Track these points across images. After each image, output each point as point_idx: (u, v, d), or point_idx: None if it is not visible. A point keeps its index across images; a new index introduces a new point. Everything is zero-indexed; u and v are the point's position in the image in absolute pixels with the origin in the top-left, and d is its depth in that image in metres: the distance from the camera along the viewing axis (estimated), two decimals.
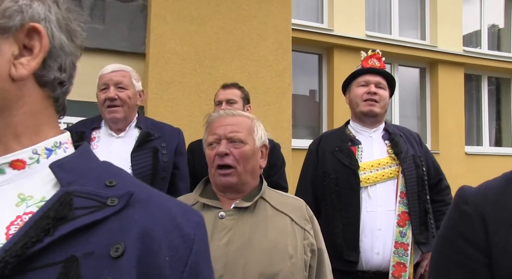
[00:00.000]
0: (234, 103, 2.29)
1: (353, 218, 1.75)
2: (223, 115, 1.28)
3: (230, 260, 1.10)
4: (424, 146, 2.02)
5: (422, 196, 1.81)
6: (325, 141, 1.99)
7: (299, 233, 1.20)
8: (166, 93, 3.14)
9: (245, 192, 1.25)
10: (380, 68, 1.97)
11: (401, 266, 1.71)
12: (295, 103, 5.29)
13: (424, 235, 1.77)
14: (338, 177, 1.82)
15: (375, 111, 1.91)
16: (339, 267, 1.73)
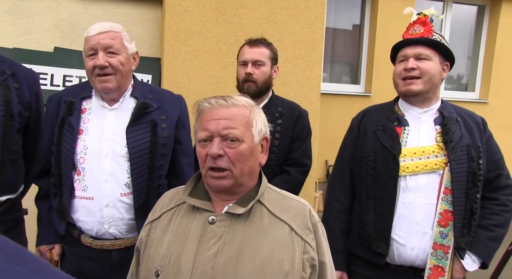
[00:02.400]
0: (262, 65, 2.02)
1: (387, 208, 1.59)
2: (215, 105, 1.07)
3: (216, 275, 0.98)
4: (488, 134, 1.68)
5: (471, 194, 1.56)
6: (369, 117, 1.75)
7: (299, 246, 1.05)
8: (183, 45, 2.89)
9: (241, 194, 1.09)
10: (420, 37, 1.62)
11: (439, 270, 1.56)
12: (334, 38, 4.90)
13: (465, 239, 1.56)
14: (376, 160, 1.62)
15: (414, 90, 1.60)
16: (367, 257, 1.65)
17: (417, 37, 1.63)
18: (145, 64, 2.95)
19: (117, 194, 1.50)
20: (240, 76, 2.04)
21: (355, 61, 4.89)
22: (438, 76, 1.62)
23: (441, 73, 1.63)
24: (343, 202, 1.74)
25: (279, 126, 2.05)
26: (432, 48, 1.61)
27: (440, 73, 1.62)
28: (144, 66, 2.94)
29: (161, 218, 1.12)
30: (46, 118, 1.64)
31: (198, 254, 1.01)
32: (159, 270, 1.03)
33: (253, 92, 1.99)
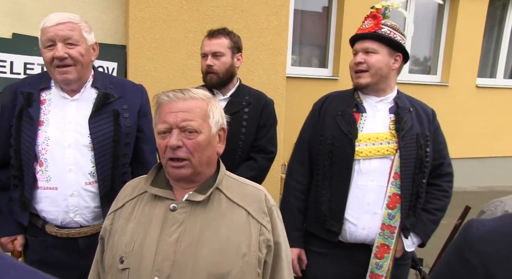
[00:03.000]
0: (222, 56, 2.05)
1: (342, 189, 1.68)
2: (173, 98, 1.11)
3: (178, 259, 1.04)
4: (436, 124, 1.81)
5: (417, 179, 1.68)
6: (330, 102, 1.82)
7: (255, 228, 1.12)
8: (149, 33, 2.87)
9: (200, 182, 1.15)
10: (367, 32, 1.69)
11: (385, 247, 1.68)
12: (304, 20, 4.93)
13: (410, 220, 1.70)
14: (334, 143, 1.70)
15: (362, 83, 1.70)
16: (321, 235, 1.74)
17: (364, 32, 1.70)
18: (110, 52, 2.92)
19: (81, 183, 1.53)
20: (202, 68, 2.08)
21: (324, 44, 4.96)
22: (386, 68, 1.69)
23: (390, 65, 1.69)
24: (302, 182, 1.81)
25: (246, 115, 2.10)
26: (379, 41, 1.67)
27: (388, 65, 1.69)
28: (109, 53, 2.91)
29: (124, 207, 1.16)
30: (2, 110, 1.61)
31: (161, 240, 1.06)
32: (123, 256, 1.07)
33: (215, 82, 2.04)
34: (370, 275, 1.69)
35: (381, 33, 1.68)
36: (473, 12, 5.41)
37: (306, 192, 1.82)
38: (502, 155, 5.99)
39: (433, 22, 5.64)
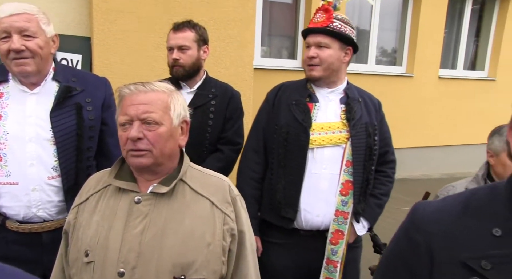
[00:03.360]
0: (187, 50, 2.05)
1: (297, 177, 1.72)
2: (134, 91, 1.12)
3: (144, 250, 1.06)
4: (382, 114, 1.91)
5: (367, 166, 1.77)
6: (283, 92, 1.86)
7: (219, 218, 1.15)
8: (114, 25, 2.83)
9: (163, 174, 1.16)
10: (319, 27, 1.73)
11: (339, 233, 1.75)
12: (273, 11, 4.94)
13: (361, 205, 1.79)
14: (289, 132, 1.74)
15: (314, 76, 1.75)
16: (276, 223, 1.78)
17: (316, 26, 1.74)
18: (74, 43, 2.86)
19: (44, 177, 1.51)
20: (168, 61, 2.09)
21: (293, 36, 5.00)
22: (338, 62, 1.75)
23: (341, 59, 1.76)
24: (257, 170, 1.84)
25: (212, 107, 2.12)
26: (331, 36, 1.72)
27: (339, 59, 1.75)
28: (73, 45, 2.85)
29: (88, 200, 1.17)
30: None
31: (126, 232, 1.08)
32: (88, 250, 1.08)
33: (181, 75, 2.05)
34: (326, 262, 1.76)
35: (333, 28, 1.73)
36: (435, 6, 5.61)
37: (260, 181, 1.85)
38: (463, 143, 6.29)
39: (398, 15, 5.80)
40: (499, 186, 0.81)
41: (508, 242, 0.73)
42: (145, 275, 1.05)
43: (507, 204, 0.76)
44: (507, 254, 0.72)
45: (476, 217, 0.78)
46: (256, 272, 1.26)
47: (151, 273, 1.06)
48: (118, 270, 1.05)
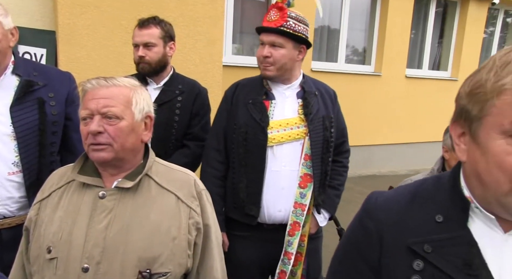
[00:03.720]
0: (153, 46, 2.05)
1: (257, 175, 1.75)
2: (96, 86, 1.11)
3: (108, 245, 1.06)
4: (338, 106, 1.96)
5: (325, 159, 1.82)
6: (241, 90, 1.87)
7: (185, 212, 1.16)
8: (80, 19, 2.78)
9: (127, 169, 1.16)
10: (273, 27, 1.73)
11: (296, 225, 1.80)
12: (245, 8, 4.96)
13: (321, 197, 1.84)
14: (247, 131, 1.76)
15: (268, 75, 1.77)
16: (240, 220, 1.82)
17: (271, 26, 1.74)
18: (38, 37, 2.79)
19: (4, 173, 1.49)
20: (134, 58, 2.08)
21: None
22: (291, 62, 1.77)
23: (294, 58, 1.78)
24: (219, 169, 1.86)
25: (179, 103, 2.13)
26: (284, 36, 1.73)
27: (293, 58, 1.78)
28: (37, 39, 2.78)
29: (51, 196, 1.16)
30: None
31: (90, 227, 1.07)
32: (50, 246, 1.07)
33: (147, 72, 2.05)
34: (284, 254, 1.81)
35: (287, 27, 1.74)
36: (402, 8, 5.79)
37: (223, 179, 1.87)
38: (428, 140, 6.53)
39: (367, 15, 5.95)
40: (444, 177, 0.87)
41: (447, 227, 0.79)
42: (110, 270, 1.06)
43: (449, 194, 0.83)
44: (446, 238, 0.78)
45: (422, 205, 0.84)
46: (222, 264, 1.29)
47: (116, 267, 1.06)
48: (82, 265, 1.05)
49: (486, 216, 0.78)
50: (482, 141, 0.73)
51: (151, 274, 1.08)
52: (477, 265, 0.75)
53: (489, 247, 0.77)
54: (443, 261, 0.77)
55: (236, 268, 1.81)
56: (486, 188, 0.74)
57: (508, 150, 0.69)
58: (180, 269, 1.14)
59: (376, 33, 5.92)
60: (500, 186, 0.71)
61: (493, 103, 0.70)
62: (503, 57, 0.71)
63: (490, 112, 0.71)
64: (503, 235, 0.77)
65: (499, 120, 0.69)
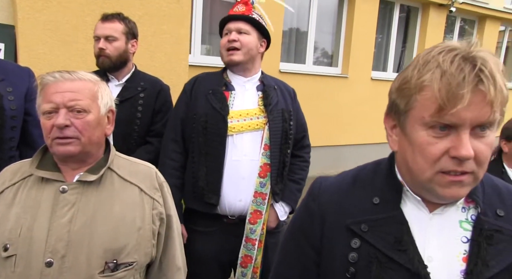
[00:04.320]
0: (115, 40, 2.05)
1: (217, 164, 1.78)
2: (59, 79, 1.10)
3: (73, 239, 1.06)
4: (297, 102, 2.04)
5: (284, 149, 1.87)
6: (200, 83, 1.90)
7: (148, 203, 1.18)
8: (41, 14, 2.73)
9: (90, 163, 1.16)
10: (241, 14, 1.83)
11: (257, 213, 1.84)
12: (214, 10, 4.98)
13: (279, 186, 1.89)
14: (207, 120, 1.79)
15: (235, 60, 1.82)
16: (200, 209, 1.83)
17: (238, 14, 1.84)
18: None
19: None
20: (94, 51, 2.07)
21: None
22: (256, 49, 1.86)
23: (258, 48, 1.87)
24: (176, 160, 1.88)
25: (141, 100, 2.13)
26: (250, 24, 1.83)
27: (257, 47, 1.86)
28: None
29: (4, 193, 1.13)
30: None
31: (52, 222, 1.07)
32: (7, 244, 1.05)
33: (107, 66, 2.04)
34: (245, 240, 1.84)
35: (254, 17, 1.84)
36: (367, 12, 5.99)
37: (181, 169, 1.89)
38: None
39: (334, 18, 6.11)
40: (383, 163, 0.95)
41: (382, 208, 0.86)
42: (75, 262, 1.06)
43: (385, 178, 0.90)
44: (381, 218, 0.85)
45: (362, 189, 0.91)
46: (182, 253, 1.33)
47: (82, 260, 1.06)
48: (45, 260, 1.04)
49: (415, 198, 0.85)
50: (408, 133, 0.81)
51: (117, 265, 1.10)
52: (406, 241, 0.82)
53: (416, 225, 0.85)
54: (377, 239, 0.83)
55: (195, 264, 1.83)
56: (413, 174, 0.81)
57: (429, 141, 0.76)
58: (146, 259, 1.17)
59: (343, 36, 6.08)
60: (423, 173, 0.78)
61: (416, 98, 0.77)
62: (425, 56, 0.78)
63: (414, 106, 0.78)
64: (428, 214, 0.85)
65: (421, 113, 0.76)
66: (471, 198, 0.85)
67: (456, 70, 0.72)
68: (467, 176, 0.76)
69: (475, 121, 0.73)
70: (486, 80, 0.71)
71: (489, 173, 0.92)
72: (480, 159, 0.75)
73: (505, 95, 0.74)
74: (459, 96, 0.71)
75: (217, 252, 1.87)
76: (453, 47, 0.76)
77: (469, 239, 0.82)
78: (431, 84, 0.74)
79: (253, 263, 1.86)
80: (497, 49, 7.83)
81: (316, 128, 5.82)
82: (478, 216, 0.83)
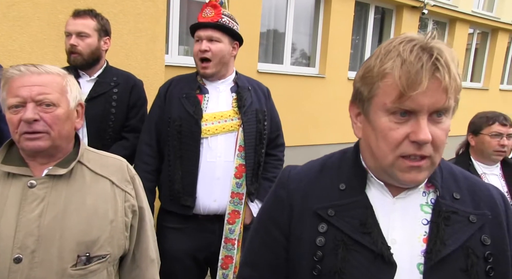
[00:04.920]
0: (87, 37, 2.03)
1: (193, 166, 1.80)
2: (25, 73, 1.08)
3: (43, 233, 1.05)
4: (271, 101, 2.07)
5: (258, 150, 1.91)
6: (174, 86, 1.92)
7: (120, 196, 1.19)
8: (11, 10, 2.66)
9: (59, 157, 1.15)
10: (210, 22, 1.82)
11: (235, 213, 1.88)
12: (191, 10, 4.95)
13: (254, 186, 1.93)
14: (181, 124, 1.81)
15: (208, 73, 1.85)
16: (177, 211, 1.85)
17: (207, 21, 1.83)
18: None
19: None
20: (66, 47, 2.04)
21: None
22: (228, 55, 1.88)
23: (230, 53, 1.89)
24: (150, 163, 1.90)
25: (115, 95, 2.13)
26: (221, 31, 1.83)
27: (229, 53, 1.88)
28: None
29: None
30: None
31: (21, 217, 1.05)
32: None
33: (79, 63, 2.02)
34: (224, 241, 1.87)
35: (223, 23, 1.84)
36: (343, 13, 6.10)
37: (154, 173, 1.91)
38: None
39: (311, 19, 6.20)
40: (349, 151, 0.98)
41: (348, 194, 0.90)
42: (46, 257, 1.05)
43: (351, 165, 0.94)
44: (347, 203, 0.89)
45: (329, 176, 0.94)
46: (155, 245, 1.34)
47: (53, 254, 1.06)
48: (13, 256, 1.03)
49: (379, 183, 0.89)
50: (372, 119, 0.85)
51: (90, 257, 1.10)
52: (370, 224, 0.86)
53: (381, 209, 0.89)
54: (343, 223, 0.87)
55: (170, 261, 1.83)
56: (376, 159, 0.85)
57: (390, 126, 0.81)
58: (119, 251, 1.18)
59: (320, 37, 6.17)
60: (386, 158, 0.82)
61: (378, 85, 0.81)
62: (387, 46, 0.83)
63: (377, 93, 0.82)
64: (392, 199, 0.89)
65: (383, 100, 0.81)
66: (430, 182, 0.90)
67: (415, 59, 0.76)
68: (425, 161, 0.81)
69: (432, 107, 0.77)
70: (442, 68, 0.76)
71: (457, 165, 0.97)
72: (437, 143, 0.80)
73: (459, 84, 0.79)
74: (417, 82, 0.75)
75: (191, 249, 1.88)
76: (412, 38, 0.81)
77: (429, 221, 0.87)
78: (392, 72, 0.78)
79: (234, 263, 1.88)
80: (467, 50, 8.10)
81: (293, 127, 5.88)
82: (437, 199, 0.88)
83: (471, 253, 0.83)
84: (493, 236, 0.85)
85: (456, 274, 0.82)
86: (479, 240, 0.84)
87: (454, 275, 0.82)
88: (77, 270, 1.08)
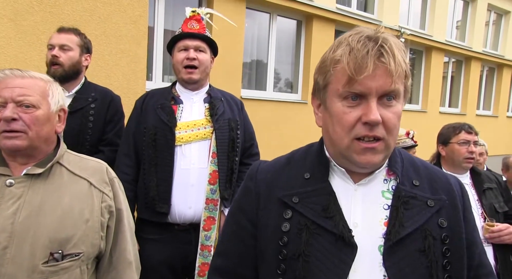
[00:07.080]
0: (69, 50, 2.07)
1: (167, 174, 1.82)
2: (9, 75, 1.12)
3: (17, 230, 1.06)
4: (245, 113, 2.14)
5: (231, 156, 1.95)
6: (150, 98, 1.99)
7: (97, 197, 1.20)
8: None
9: (38, 158, 1.17)
10: (198, 33, 1.94)
11: (211, 219, 1.88)
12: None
13: (228, 192, 1.94)
14: (156, 133, 1.86)
15: (194, 79, 1.93)
16: (152, 218, 1.85)
17: (196, 32, 1.94)
18: None
19: None
20: (47, 59, 2.08)
21: None
22: (209, 67, 1.99)
23: (210, 65, 2.01)
24: (128, 173, 1.92)
25: (92, 110, 2.15)
26: (206, 42, 1.95)
27: (210, 65, 2.00)
28: None
29: None
30: None
31: None
32: None
33: (59, 75, 2.05)
34: (201, 248, 1.86)
35: (208, 36, 1.96)
36: (323, 41, 6.33)
37: (133, 182, 1.93)
38: None
39: (293, 48, 6.42)
40: (315, 144, 1.02)
41: (311, 182, 0.93)
42: (19, 253, 1.05)
43: (316, 155, 0.98)
44: (310, 190, 0.92)
45: (295, 167, 0.98)
46: (134, 248, 1.33)
47: (25, 250, 1.06)
48: None
49: (341, 170, 0.92)
50: (328, 106, 0.90)
51: (63, 255, 1.10)
52: (332, 209, 0.88)
53: (343, 195, 0.91)
54: (307, 209, 0.89)
55: (148, 271, 1.80)
56: (334, 145, 0.89)
57: (344, 110, 0.86)
58: (93, 250, 1.17)
59: (302, 64, 6.37)
60: (342, 141, 0.87)
61: (331, 73, 0.87)
62: (339, 39, 0.91)
63: (330, 81, 0.88)
64: (353, 185, 0.92)
65: (336, 86, 0.86)
66: (392, 170, 0.93)
67: (362, 46, 0.83)
68: (379, 143, 0.85)
69: (380, 90, 0.83)
70: (386, 54, 0.82)
71: None
72: (389, 125, 0.84)
73: (404, 69, 0.85)
74: (364, 66, 0.81)
75: (168, 258, 1.86)
76: (361, 30, 0.88)
77: (389, 206, 0.89)
78: (341, 59, 0.84)
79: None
80: (444, 78, 8.43)
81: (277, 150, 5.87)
82: (397, 186, 0.91)
83: (428, 234, 0.86)
84: (449, 219, 0.90)
85: (414, 254, 0.85)
86: (436, 223, 0.88)
87: (413, 255, 0.85)
88: (49, 266, 1.08)
